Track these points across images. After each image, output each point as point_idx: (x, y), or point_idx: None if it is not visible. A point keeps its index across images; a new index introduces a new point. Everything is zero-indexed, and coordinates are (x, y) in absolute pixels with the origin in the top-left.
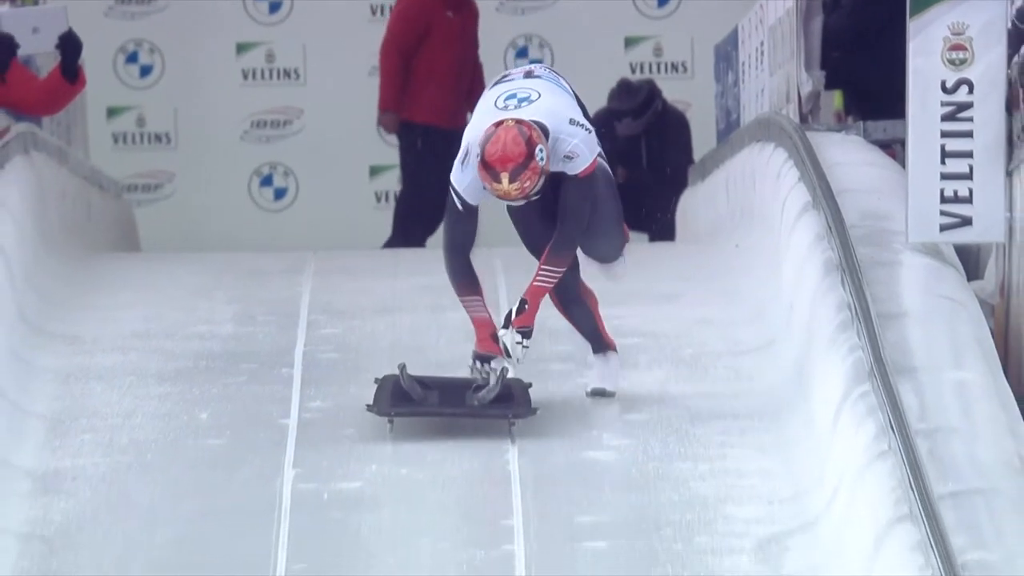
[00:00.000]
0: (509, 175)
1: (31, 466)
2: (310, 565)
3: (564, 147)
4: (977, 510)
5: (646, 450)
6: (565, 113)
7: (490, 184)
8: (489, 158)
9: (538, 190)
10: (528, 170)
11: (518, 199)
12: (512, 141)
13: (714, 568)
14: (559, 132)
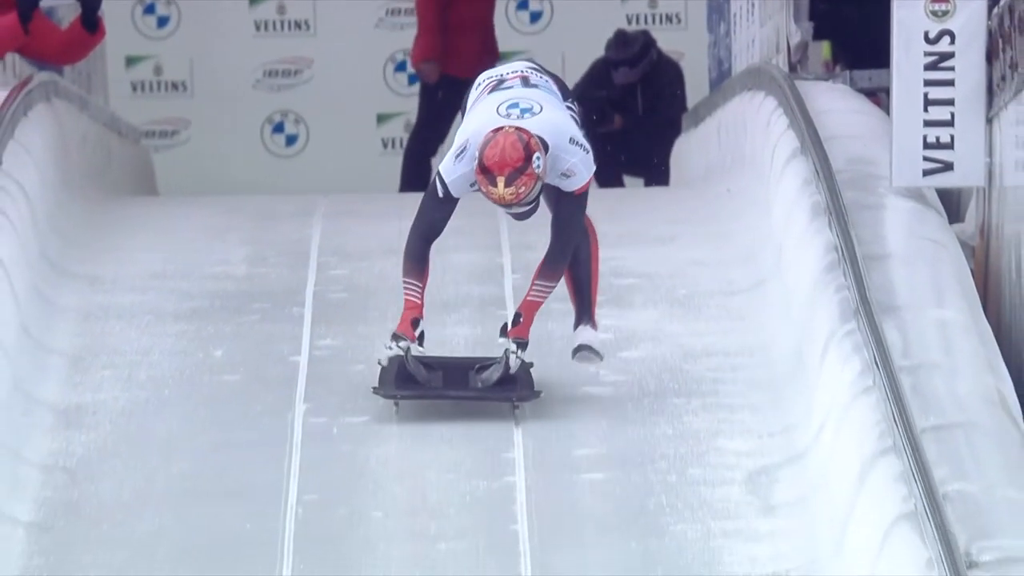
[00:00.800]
0: (505, 179)
1: (54, 400)
2: (321, 495)
3: (563, 165)
4: (958, 443)
5: (641, 386)
6: (566, 131)
7: (486, 187)
8: (487, 161)
9: (532, 199)
10: (524, 175)
11: (512, 204)
12: (511, 146)
13: (706, 498)
14: (559, 150)
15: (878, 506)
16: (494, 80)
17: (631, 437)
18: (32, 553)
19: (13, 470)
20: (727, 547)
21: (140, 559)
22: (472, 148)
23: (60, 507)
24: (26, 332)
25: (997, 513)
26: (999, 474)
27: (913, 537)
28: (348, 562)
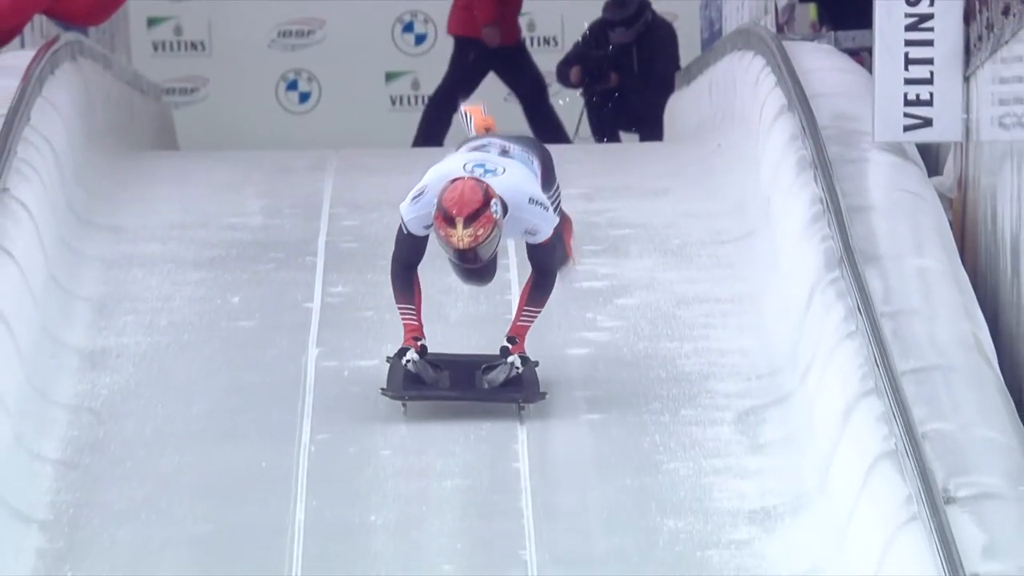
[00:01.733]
0: (464, 220)
1: (80, 344)
2: (332, 435)
3: (525, 224)
4: (936, 385)
5: (636, 331)
6: (526, 191)
7: (445, 231)
8: (446, 203)
9: (490, 251)
10: (483, 218)
11: (471, 250)
12: (470, 190)
13: (698, 437)
14: (518, 210)
15: (860, 445)
16: (476, 144)
17: (626, 380)
18: (60, 489)
19: (42, 411)
20: (717, 484)
21: (162, 494)
22: (430, 194)
23: (86, 445)
24: (54, 280)
25: (973, 451)
26: (975, 414)
27: (893, 474)
28: (358, 498)
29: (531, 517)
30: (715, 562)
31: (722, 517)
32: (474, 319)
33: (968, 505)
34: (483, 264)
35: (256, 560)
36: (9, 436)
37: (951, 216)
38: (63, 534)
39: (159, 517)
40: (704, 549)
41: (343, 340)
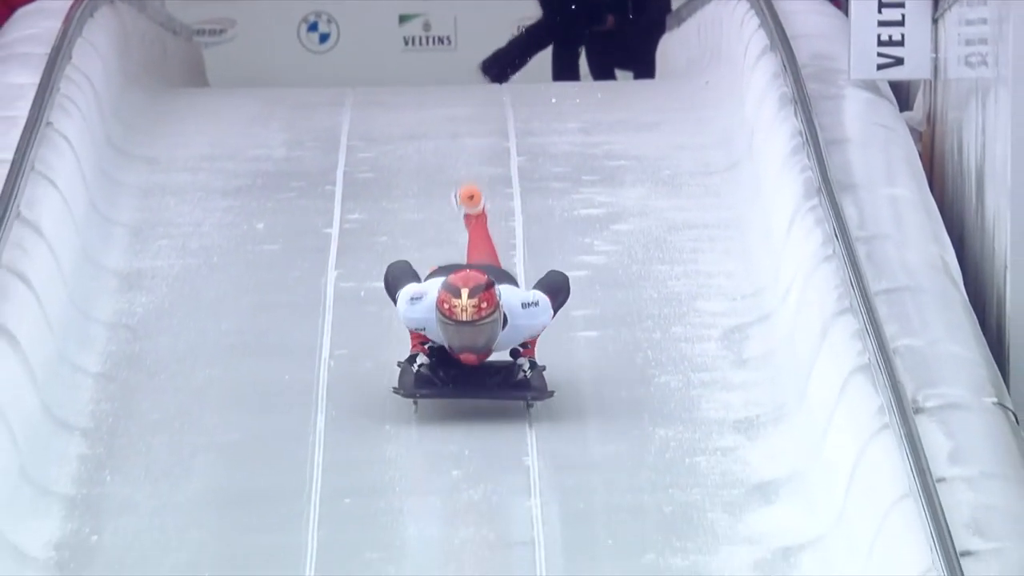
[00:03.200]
0: (469, 290)
1: (117, 267)
2: (350, 350)
3: (526, 332)
4: (906, 304)
5: (630, 255)
6: (517, 298)
7: (449, 303)
8: (451, 280)
9: (489, 334)
10: (487, 292)
11: (473, 323)
12: (475, 272)
13: (687, 353)
14: (515, 318)
15: (836, 359)
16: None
17: (621, 300)
18: (99, 400)
19: (83, 328)
20: (705, 395)
21: (193, 405)
22: (430, 298)
23: (123, 360)
24: (93, 207)
25: (940, 365)
26: (942, 331)
27: (867, 386)
28: (374, 408)
29: (532, 426)
30: (702, 467)
31: (709, 426)
32: None
33: (935, 415)
34: (481, 350)
35: (280, 465)
36: (53, 352)
37: (920, 148)
38: (103, 441)
39: (191, 426)
40: (692, 456)
41: (360, 263)
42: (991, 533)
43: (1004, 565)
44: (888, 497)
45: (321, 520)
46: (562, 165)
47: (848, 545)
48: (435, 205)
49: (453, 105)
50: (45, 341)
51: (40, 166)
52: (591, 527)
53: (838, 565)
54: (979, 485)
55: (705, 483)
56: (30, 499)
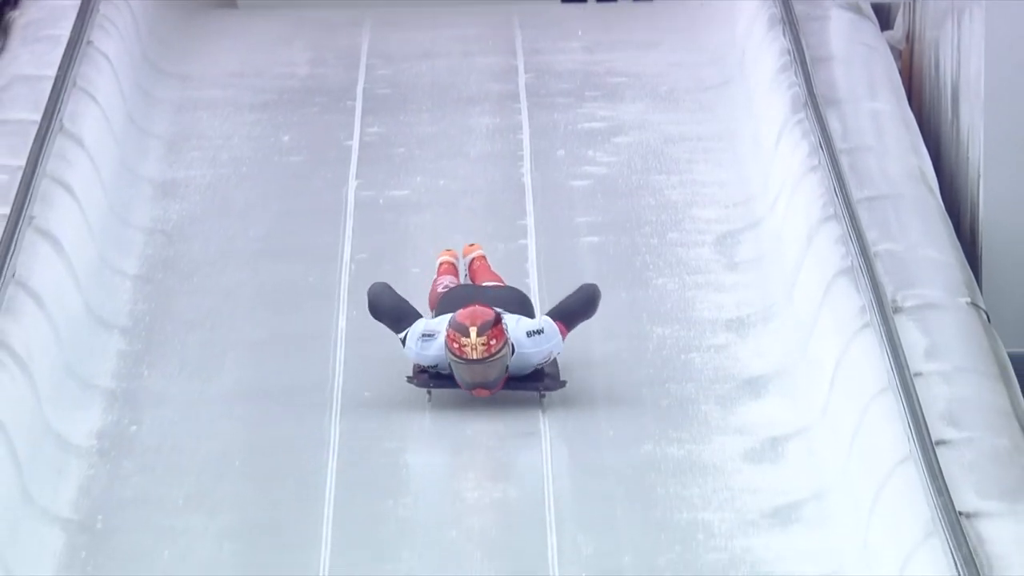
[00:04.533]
0: (478, 328)
1: (153, 176)
2: (370, 254)
3: (534, 359)
4: (886, 211)
5: (630, 165)
6: (522, 327)
7: (458, 342)
8: (459, 318)
9: (498, 370)
10: (495, 329)
11: (483, 360)
12: (482, 308)
13: (682, 257)
14: (522, 347)
15: (821, 263)
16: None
17: (621, 207)
18: (137, 300)
19: (122, 233)
20: (699, 296)
21: (224, 305)
22: (441, 338)
23: (159, 263)
24: (131, 120)
25: (917, 268)
26: (920, 236)
27: (849, 288)
28: None
29: None
30: (697, 363)
31: (702, 325)
32: (491, 156)
33: (913, 314)
34: (492, 385)
35: (304, 362)
36: (94, 256)
37: (900, 65)
38: (140, 338)
39: (222, 324)
40: (687, 352)
41: (378, 173)
42: (964, 423)
43: (976, 453)
44: (869, 391)
45: (343, 412)
46: (567, 82)
47: (831, 435)
48: (448, 119)
49: (464, 26)
50: (87, 245)
51: (81, 82)
52: (593, 420)
53: (822, 454)
54: (953, 379)
55: (699, 378)
56: (74, 392)
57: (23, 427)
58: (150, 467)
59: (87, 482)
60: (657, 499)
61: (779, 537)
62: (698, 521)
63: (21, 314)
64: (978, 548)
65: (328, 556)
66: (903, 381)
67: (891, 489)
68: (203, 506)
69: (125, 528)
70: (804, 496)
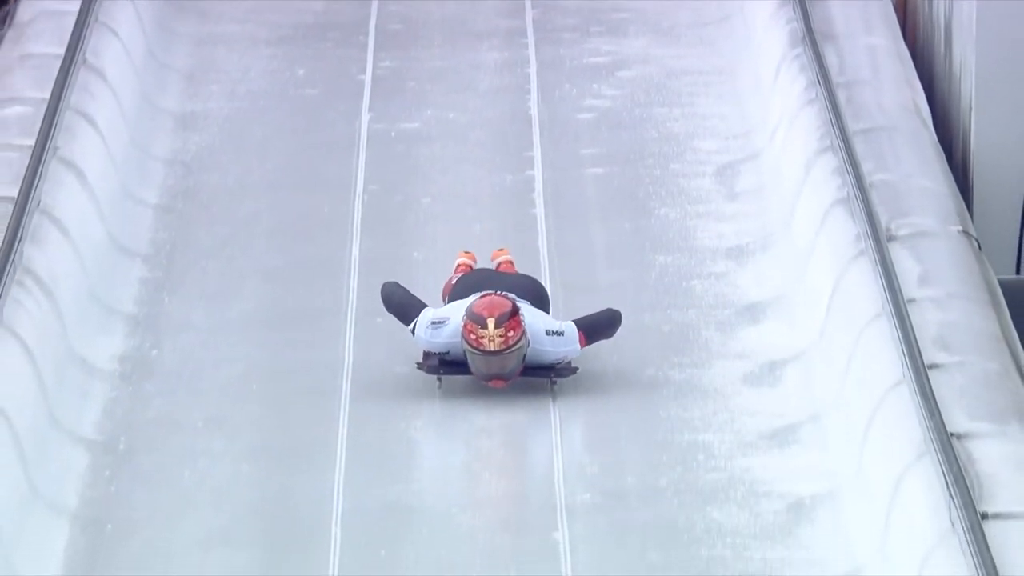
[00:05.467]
0: (495, 320)
1: (173, 109)
2: (381, 185)
3: (550, 357)
4: (882, 143)
5: (633, 99)
6: (541, 325)
7: (475, 333)
8: (476, 309)
9: (516, 361)
10: (513, 320)
11: (501, 352)
12: (499, 299)
13: (684, 187)
14: (539, 343)
15: (818, 193)
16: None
17: (625, 140)
18: (158, 228)
19: (143, 163)
20: (700, 226)
21: (241, 234)
22: (452, 325)
23: (179, 193)
24: (152, 54)
25: (911, 197)
26: (913, 167)
27: (845, 217)
28: (404, 237)
29: (546, 254)
30: (698, 290)
31: (703, 253)
32: (499, 89)
33: (907, 242)
34: (509, 376)
35: (319, 289)
36: (116, 186)
37: (895, 1)
38: (161, 266)
39: (240, 253)
40: (688, 280)
41: (390, 106)
42: (955, 348)
43: (967, 376)
44: (864, 316)
45: (356, 337)
46: (572, 17)
47: (828, 360)
48: (457, 54)
49: None
50: (109, 176)
51: (103, 17)
52: (597, 345)
53: (818, 377)
54: (945, 305)
55: (700, 304)
56: (97, 318)
57: (49, 351)
58: (171, 390)
59: (110, 404)
60: (659, 421)
61: (776, 457)
62: (698, 442)
63: (46, 242)
64: (968, 467)
65: (342, 476)
66: (897, 307)
67: (885, 411)
68: (222, 428)
69: (147, 449)
70: (801, 418)
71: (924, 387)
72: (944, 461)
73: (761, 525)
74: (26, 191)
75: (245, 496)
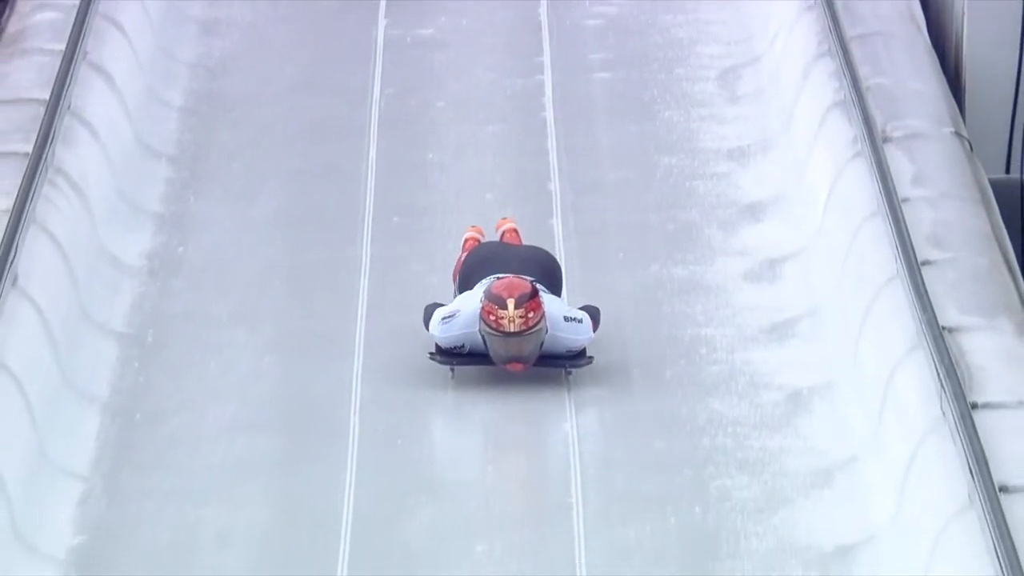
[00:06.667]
0: (515, 300)
1: (197, 15)
2: (397, 89)
3: (567, 344)
4: (877, 47)
5: (639, 5)
6: (560, 311)
7: (495, 314)
8: (495, 290)
9: (534, 343)
10: (533, 301)
11: (520, 333)
12: (518, 281)
13: (687, 91)
14: (557, 330)
15: (816, 96)
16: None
17: (631, 45)
18: (183, 130)
19: (168, 68)
20: (703, 128)
21: (263, 136)
22: (463, 315)
23: (203, 96)
24: None
25: (906, 100)
26: (908, 71)
27: (842, 119)
28: (419, 139)
29: (555, 155)
30: (700, 190)
31: (706, 155)
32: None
33: (901, 143)
34: (527, 359)
35: (338, 189)
36: (143, 88)
37: None
38: (186, 166)
39: (262, 154)
40: (692, 180)
41: (406, 13)
42: (947, 245)
43: (957, 272)
44: (859, 215)
45: (374, 236)
46: None
47: (825, 257)
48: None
49: None
50: (136, 80)
51: None
52: (604, 243)
53: (816, 274)
54: (937, 204)
55: (702, 204)
56: (126, 216)
57: (80, 248)
58: (196, 285)
59: (139, 299)
60: (663, 316)
61: (776, 350)
62: (701, 336)
63: (77, 143)
64: (959, 359)
65: (360, 365)
66: (891, 206)
67: (879, 306)
68: (245, 321)
69: (174, 341)
70: (799, 312)
71: (917, 283)
72: (936, 353)
73: (761, 415)
74: (57, 94)
75: (267, 386)
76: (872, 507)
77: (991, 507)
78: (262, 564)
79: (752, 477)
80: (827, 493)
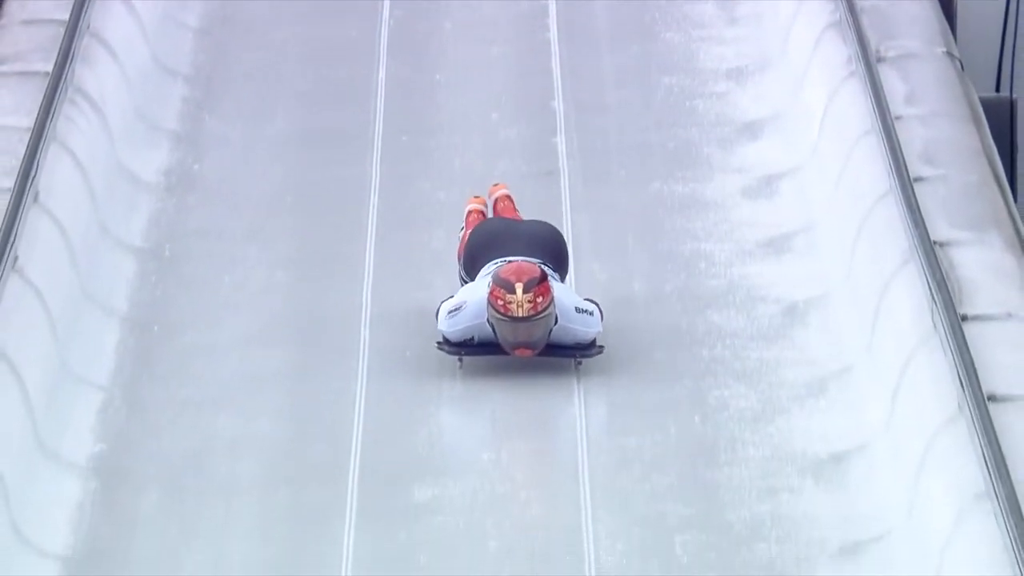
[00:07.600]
0: (524, 285)
1: None
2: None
3: (577, 335)
4: None
5: None
6: (571, 301)
7: (504, 300)
8: (503, 274)
9: (543, 329)
10: (542, 286)
11: (529, 318)
12: (527, 265)
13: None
14: (567, 320)
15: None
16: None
17: None
18: (198, 51)
19: None
20: (703, 49)
21: (275, 58)
22: (470, 307)
23: (217, 18)
24: None
25: (900, 20)
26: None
27: (837, 40)
28: (427, 61)
29: (559, 75)
30: (700, 109)
31: (706, 75)
32: None
33: (895, 63)
34: (536, 344)
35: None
36: (159, 10)
37: None
38: (201, 86)
39: (275, 78)
40: (692, 99)
41: None
42: (938, 161)
43: (948, 188)
44: (854, 133)
45: (383, 155)
46: None
47: (820, 173)
48: None
49: None
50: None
51: None
52: (606, 160)
53: (812, 190)
54: (929, 122)
55: (702, 122)
56: (142, 133)
57: (99, 165)
58: (211, 202)
59: (156, 215)
60: (664, 232)
61: (772, 265)
62: (700, 251)
63: (95, 62)
64: (950, 272)
65: (370, 283)
66: (885, 124)
67: (873, 221)
68: (258, 237)
69: (189, 256)
70: (795, 228)
71: (909, 198)
72: (927, 267)
73: (758, 327)
74: (76, 14)
75: (280, 300)
76: (865, 416)
77: (980, 415)
78: (274, 473)
79: (749, 387)
80: (822, 402)
